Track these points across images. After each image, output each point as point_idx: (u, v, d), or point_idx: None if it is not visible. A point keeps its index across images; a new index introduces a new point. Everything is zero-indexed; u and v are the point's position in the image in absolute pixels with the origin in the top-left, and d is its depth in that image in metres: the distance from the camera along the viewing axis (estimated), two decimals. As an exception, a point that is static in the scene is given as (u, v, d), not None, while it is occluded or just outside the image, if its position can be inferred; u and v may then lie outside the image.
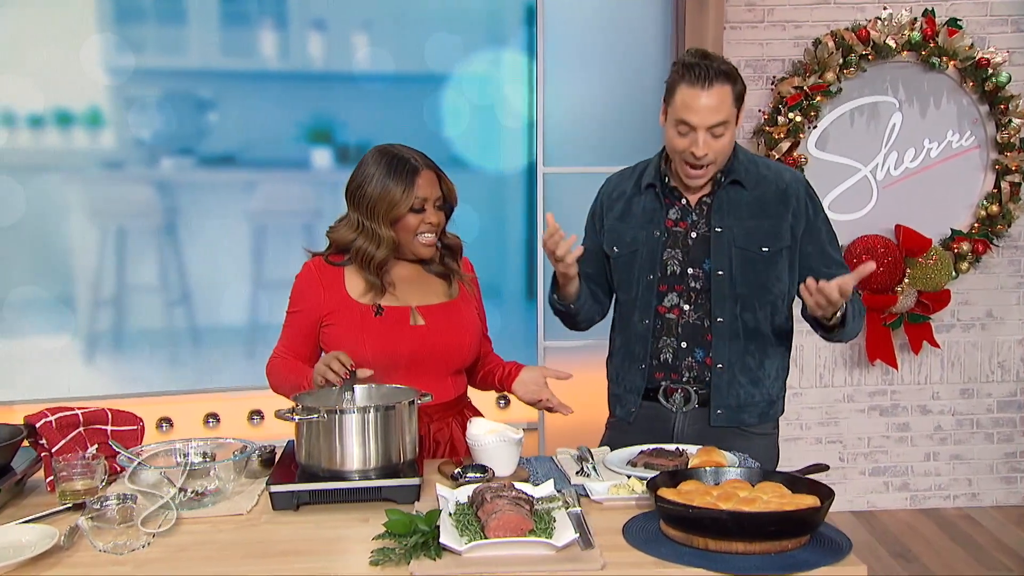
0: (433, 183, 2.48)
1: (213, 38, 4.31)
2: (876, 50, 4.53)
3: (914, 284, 4.62)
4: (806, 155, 4.57)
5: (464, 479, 2.14)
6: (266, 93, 4.35)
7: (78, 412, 2.20)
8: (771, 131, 4.51)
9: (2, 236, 4.12)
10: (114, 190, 4.24)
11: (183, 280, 4.37)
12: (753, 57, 4.63)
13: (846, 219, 4.67)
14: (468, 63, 4.48)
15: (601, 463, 2.28)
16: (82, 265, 4.22)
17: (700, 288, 2.52)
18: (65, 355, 4.26)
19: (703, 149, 2.39)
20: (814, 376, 4.82)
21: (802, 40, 4.63)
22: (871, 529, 4.66)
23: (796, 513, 1.80)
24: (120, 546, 1.77)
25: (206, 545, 1.84)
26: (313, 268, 2.55)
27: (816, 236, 2.55)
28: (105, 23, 4.14)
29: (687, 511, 1.80)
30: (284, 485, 2.03)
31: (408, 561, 1.74)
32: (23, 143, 4.12)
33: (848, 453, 4.88)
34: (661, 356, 2.55)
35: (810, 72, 4.52)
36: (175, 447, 2.12)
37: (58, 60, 4.07)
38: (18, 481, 2.11)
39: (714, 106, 2.36)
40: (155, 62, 4.24)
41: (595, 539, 1.85)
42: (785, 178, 2.56)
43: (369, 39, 4.39)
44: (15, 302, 4.19)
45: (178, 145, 4.26)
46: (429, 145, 4.26)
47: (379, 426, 2.09)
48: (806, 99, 4.50)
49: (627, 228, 2.59)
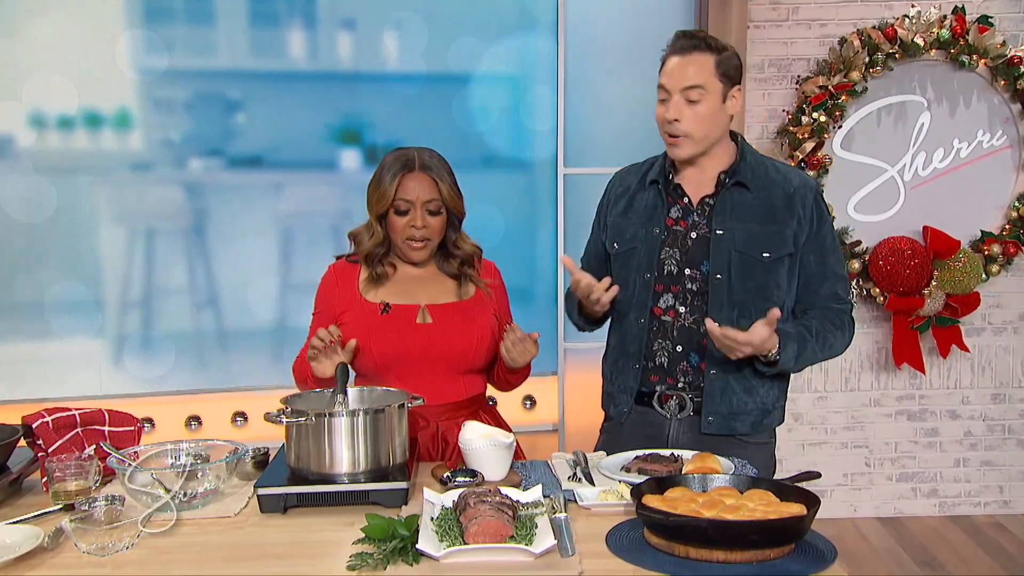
0: (426, 187, 2.46)
1: (242, 38, 4.31)
2: (903, 48, 4.45)
3: (942, 287, 4.54)
4: (831, 155, 4.50)
5: (453, 483, 2.13)
6: (295, 94, 4.35)
7: (75, 413, 2.22)
8: (795, 131, 4.45)
9: (33, 236, 4.17)
10: (143, 191, 4.27)
11: (211, 281, 4.39)
12: (777, 56, 4.57)
13: (872, 220, 4.60)
14: (497, 62, 4.46)
15: (595, 468, 2.26)
16: (111, 266, 4.26)
17: (697, 290, 2.47)
18: (94, 354, 4.30)
19: (674, 113, 2.39)
20: (839, 379, 4.75)
21: (828, 39, 4.56)
22: (897, 536, 4.58)
23: (777, 522, 1.76)
24: (103, 548, 1.78)
25: (188, 547, 1.84)
26: (333, 270, 2.61)
27: (819, 246, 2.49)
28: (134, 24, 4.17)
29: (667, 519, 1.77)
30: (271, 488, 2.03)
31: (385, 566, 1.73)
32: (53, 144, 4.16)
33: (874, 458, 4.80)
34: (656, 359, 2.52)
35: (835, 71, 4.45)
36: (167, 448, 2.13)
37: (87, 61, 4.10)
38: (14, 481, 2.14)
39: (692, 70, 2.37)
40: (184, 63, 4.25)
41: (577, 546, 1.83)
42: (794, 183, 2.49)
43: (398, 39, 4.38)
44: (45, 302, 4.24)
45: (206, 146, 4.28)
46: (458, 145, 4.41)
47: (368, 429, 2.08)
48: (831, 99, 4.43)
49: (628, 224, 2.56)
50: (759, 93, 4.57)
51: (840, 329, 2.49)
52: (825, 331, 2.46)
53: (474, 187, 4.33)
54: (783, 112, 4.54)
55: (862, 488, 4.80)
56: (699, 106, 2.38)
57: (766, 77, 4.57)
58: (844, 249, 4.53)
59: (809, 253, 2.48)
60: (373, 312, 2.48)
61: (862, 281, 4.59)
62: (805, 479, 2.14)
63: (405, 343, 2.45)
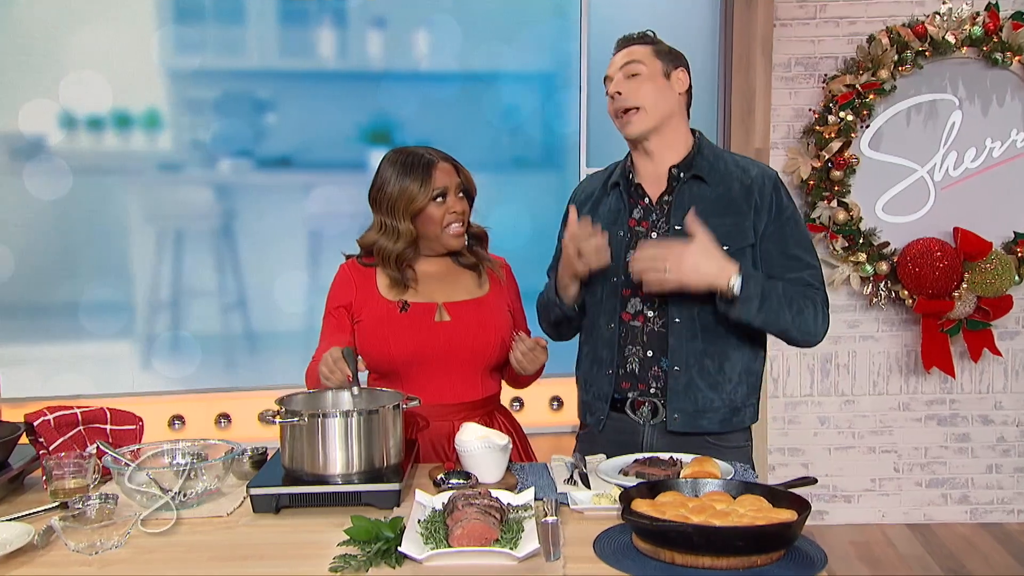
0: (450, 172, 2.50)
1: (272, 38, 4.32)
2: (934, 46, 4.38)
3: (973, 289, 4.44)
4: (858, 155, 4.43)
5: (446, 485, 2.12)
6: (324, 93, 4.36)
7: (77, 411, 2.24)
8: (821, 130, 4.38)
9: (63, 237, 4.23)
10: (172, 192, 4.31)
11: (239, 281, 4.42)
12: (804, 55, 4.51)
13: (900, 221, 4.52)
14: (526, 62, 4.46)
15: (593, 471, 2.24)
16: (141, 267, 4.30)
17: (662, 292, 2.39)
18: (125, 353, 4.35)
19: (615, 87, 2.44)
20: (867, 383, 4.67)
21: (856, 37, 4.49)
22: (925, 543, 4.50)
23: (764, 528, 1.73)
24: (91, 546, 1.79)
25: (176, 546, 1.84)
26: (347, 268, 2.60)
27: (780, 236, 2.41)
28: (164, 24, 4.20)
29: (652, 524, 1.75)
30: (263, 488, 2.04)
31: (367, 569, 1.72)
32: (83, 145, 4.21)
33: (903, 463, 4.71)
34: (628, 365, 2.47)
35: (863, 70, 4.38)
36: (163, 448, 2.14)
37: (117, 62, 4.15)
38: (15, 478, 2.16)
39: (626, 54, 2.46)
40: (214, 63, 4.28)
41: (564, 550, 1.81)
42: (751, 173, 2.44)
43: (429, 38, 4.39)
44: (77, 301, 4.30)
45: (236, 147, 4.30)
46: (487, 145, 4.40)
47: (362, 430, 2.08)
48: (858, 97, 4.36)
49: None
50: (785, 92, 4.51)
51: (812, 304, 2.39)
52: (793, 295, 2.35)
53: (503, 187, 4.42)
54: (809, 111, 4.47)
55: (890, 494, 4.72)
56: (640, 78, 2.42)
57: (792, 76, 4.51)
58: (872, 250, 4.46)
59: (769, 243, 2.41)
60: (392, 310, 2.47)
61: (890, 283, 4.51)
62: (801, 484, 2.10)
63: (423, 342, 2.45)
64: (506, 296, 2.62)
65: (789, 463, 4.67)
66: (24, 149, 4.16)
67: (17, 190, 4.18)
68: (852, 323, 4.62)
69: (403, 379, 2.45)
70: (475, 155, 4.38)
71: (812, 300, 2.40)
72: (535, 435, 2.82)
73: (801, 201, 4.52)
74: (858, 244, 4.46)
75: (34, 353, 4.30)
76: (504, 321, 2.55)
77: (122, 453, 2.08)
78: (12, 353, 4.28)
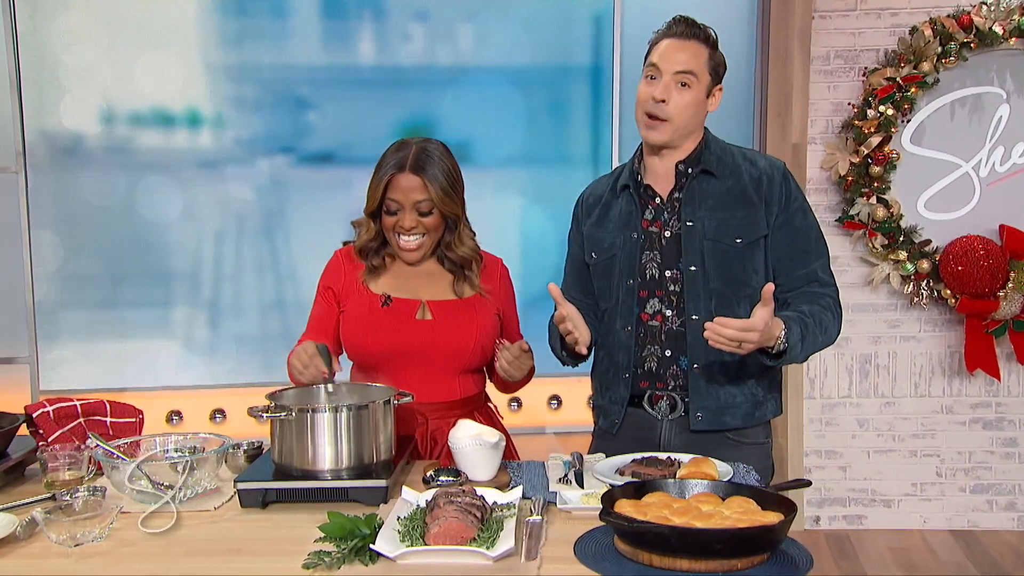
0: (415, 188, 2.40)
1: (313, 35, 4.34)
2: (980, 38, 4.23)
3: (1020, 289, 4.29)
4: (899, 150, 4.31)
5: (435, 482, 2.10)
6: (365, 90, 4.38)
7: (76, 404, 2.26)
8: (860, 125, 4.27)
9: (108, 234, 4.30)
10: (213, 189, 4.36)
11: (279, 276, 4.44)
12: (844, 47, 4.39)
13: (943, 219, 4.39)
14: (562, 57, 4.43)
15: (590, 470, 2.20)
16: (182, 264, 4.36)
17: (679, 290, 2.38)
18: (167, 347, 4.40)
19: (663, 92, 2.32)
20: (908, 385, 4.54)
21: (898, 28, 4.36)
22: (968, 550, 4.36)
23: (743, 531, 1.67)
24: (73, 538, 1.80)
25: (155, 540, 1.84)
26: (340, 255, 2.59)
27: (789, 226, 2.37)
28: (206, 22, 4.26)
29: (628, 525, 1.71)
30: (250, 482, 2.04)
31: (339, 566, 1.71)
32: (127, 142, 4.28)
33: (946, 468, 4.57)
34: (646, 365, 2.43)
35: (904, 62, 4.25)
36: (155, 441, 2.15)
37: (160, 60, 4.21)
38: (14, 468, 2.18)
39: (687, 56, 2.32)
40: (255, 60, 4.31)
41: (544, 549, 1.78)
42: (759, 165, 2.40)
43: (469, 34, 4.39)
44: (120, 296, 4.37)
45: (277, 144, 4.33)
46: (523, 142, 4.36)
47: (351, 426, 2.07)
48: (899, 91, 4.24)
49: (605, 234, 2.49)
50: (824, 86, 4.40)
51: (831, 312, 2.36)
52: (817, 313, 2.31)
53: (539, 183, 4.37)
54: (848, 106, 4.36)
55: (932, 499, 4.58)
56: (687, 93, 2.33)
57: (831, 69, 4.40)
58: (913, 249, 4.34)
59: (780, 233, 2.38)
60: (374, 304, 2.46)
61: (932, 282, 4.38)
62: (795, 487, 2.04)
63: (403, 339, 2.43)
64: (496, 299, 2.57)
65: (826, 465, 4.56)
66: (67, 146, 4.24)
67: (60, 187, 4.26)
68: (892, 323, 4.50)
69: (382, 374, 2.43)
70: (511, 151, 4.44)
71: (830, 308, 2.37)
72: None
73: (839, 197, 4.41)
74: (898, 242, 4.34)
75: (79, 348, 4.37)
76: (488, 324, 2.51)
77: (115, 446, 2.09)
78: (58, 348, 4.36)
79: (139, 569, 1.73)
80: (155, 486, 1.99)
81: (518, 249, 4.37)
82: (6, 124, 4.19)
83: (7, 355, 4.29)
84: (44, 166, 4.25)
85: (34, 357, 4.28)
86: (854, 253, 4.45)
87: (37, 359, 4.29)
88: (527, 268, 4.11)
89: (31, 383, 4.28)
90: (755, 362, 2.36)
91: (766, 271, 2.39)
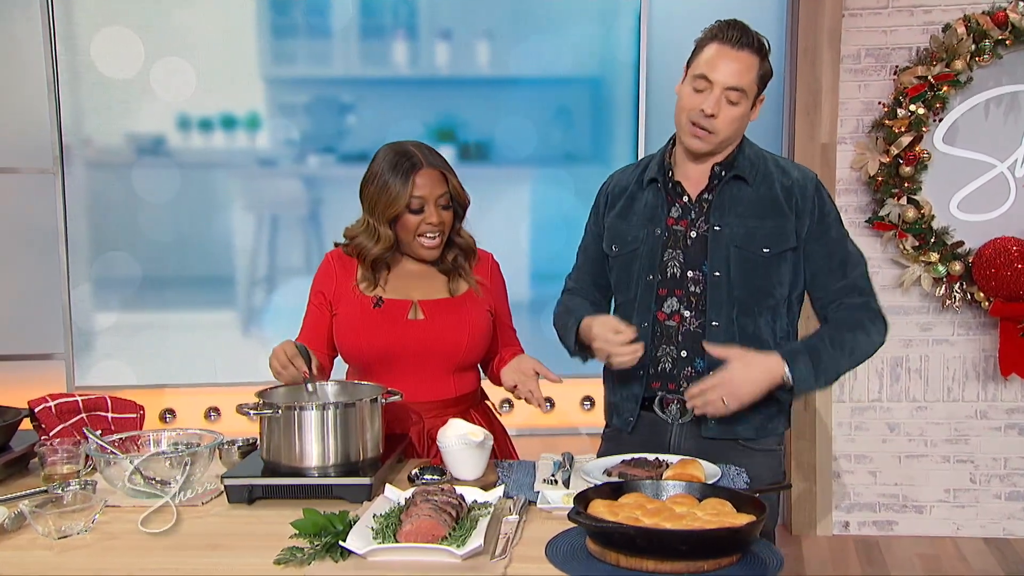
0: (436, 181, 2.42)
1: (353, 49, 4.61)
2: (1016, 35, 4.14)
3: (1056, 292, 4.19)
4: (930, 150, 4.23)
5: (420, 481, 2.12)
6: (398, 97, 4.61)
7: (78, 399, 2.32)
8: (890, 124, 4.20)
9: (173, 226, 4.47)
10: (268, 184, 4.62)
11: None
12: (875, 46, 4.32)
13: (976, 220, 4.30)
14: (581, 64, 4.52)
15: (578, 471, 2.20)
16: (240, 250, 4.58)
17: (700, 292, 2.36)
18: (226, 334, 4.59)
19: (713, 107, 2.27)
20: (941, 389, 4.45)
21: (931, 26, 4.27)
22: (1002, 559, 4.26)
23: (709, 532, 1.67)
24: (58, 530, 1.85)
25: (137, 534, 1.87)
26: (331, 258, 2.59)
27: (824, 238, 2.36)
28: (263, 38, 4.53)
29: (593, 524, 1.71)
30: (237, 478, 2.07)
31: (311, 562, 1.73)
32: (196, 144, 4.54)
33: (981, 474, 4.48)
34: (660, 364, 2.41)
35: (936, 60, 4.18)
36: (148, 436, 2.19)
37: (225, 71, 4.46)
38: (16, 461, 2.24)
39: (740, 69, 2.26)
40: (304, 71, 4.63)
41: (517, 549, 1.79)
42: (792, 175, 2.38)
43: (490, 45, 4.56)
44: (182, 286, 4.56)
45: (322, 144, 4.60)
46: (543, 142, 4.45)
47: (338, 424, 2.10)
48: (930, 90, 4.16)
49: (628, 226, 2.47)
50: (854, 85, 4.33)
51: (858, 328, 2.33)
52: (839, 335, 2.31)
53: (562, 186, 4.41)
54: (879, 105, 4.29)
55: (966, 506, 4.49)
56: (736, 108, 2.29)
57: (862, 68, 4.33)
58: (945, 250, 4.25)
59: (814, 246, 2.36)
60: (366, 306, 2.47)
61: (965, 284, 4.29)
62: (775, 490, 2.02)
63: (395, 339, 2.44)
64: (488, 296, 2.58)
65: (855, 470, 4.49)
66: (145, 147, 4.48)
67: (136, 186, 4.45)
68: (924, 326, 4.41)
69: (376, 374, 2.45)
70: (534, 154, 4.53)
71: (858, 322, 2.35)
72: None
73: (869, 198, 4.34)
74: (929, 243, 4.26)
75: (114, 345, 4.49)
76: (481, 322, 2.52)
77: (110, 441, 2.14)
78: (94, 345, 4.49)
79: (115, 563, 1.76)
80: (148, 482, 2.03)
81: (547, 251, 4.46)
82: (43, 126, 4.31)
83: (44, 351, 4.40)
84: (81, 167, 4.38)
85: (69, 354, 4.39)
86: (884, 255, 4.38)
87: (72, 356, 4.40)
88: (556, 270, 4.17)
89: (66, 379, 4.38)
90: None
91: (791, 282, 2.38)
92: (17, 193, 4.38)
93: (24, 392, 2.76)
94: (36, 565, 1.76)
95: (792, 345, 2.32)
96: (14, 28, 4.29)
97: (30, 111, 4.31)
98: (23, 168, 4.35)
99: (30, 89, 4.31)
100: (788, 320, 2.40)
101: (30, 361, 4.40)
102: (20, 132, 4.34)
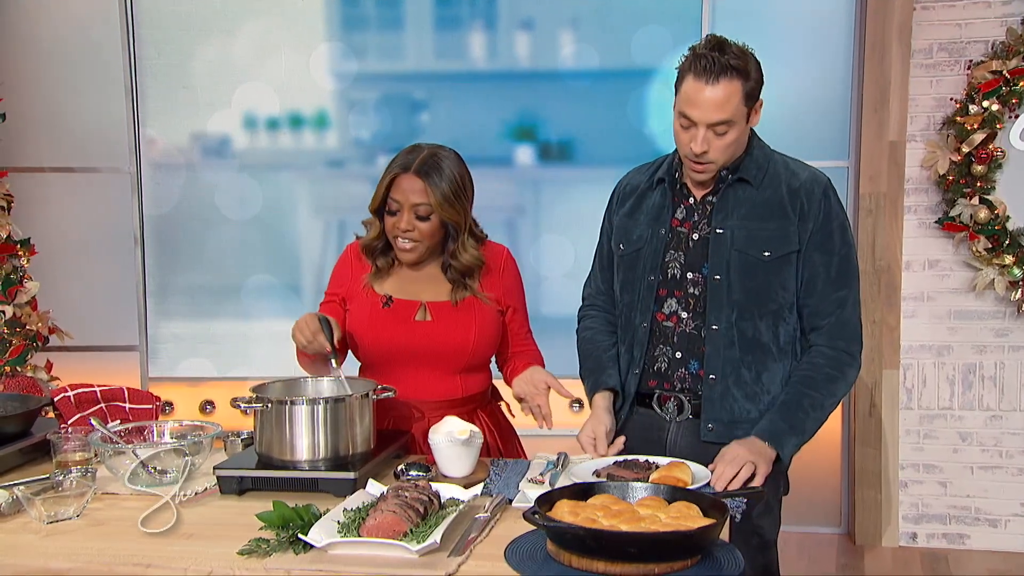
0: (416, 190, 2.40)
1: (427, 42, 4.51)
2: (1098, 27, 3.93)
3: None
4: (1004, 148, 4.04)
5: (404, 477, 2.15)
6: (474, 93, 4.50)
7: (96, 389, 2.42)
8: (962, 121, 4.03)
9: (242, 229, 4.57)
10: (336, 186, 4.58)
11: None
12: (949, 39, 4.15)
13: (1053, 222, 4.09)
14: (668, 58, 4.39)
15: (568, 471, 2.19)
16: (308, 255, 4.59)
17: (699, 295, 2.33)
18: (276, 336, 4.56)
19: (701, 146, 2.23)
20: (1016, 398, 4.24)
21: (1010, 18, 4.08)
22: (1080, 578, 4.05)
23: (659, 535, 1.65)
24: (50, 515, 1.94)
25: (124, 520, 1.95)
26: (350, 251, 2.64)
27: (826, 246, 2.30)
28: (332, 32, 4.47)
29: (544, 525, 1.71)
30: (228, 469, 2.14)
31: (272, 553, 1.77)
32: (262, 144, 4.55)
33: (1061, 489, 4.26)
34: (656, 364, 2.39)
35: (1013, 54, 3.98)
36: (151, 427, 2.28)
37: (291, 68, 4.45)
38: (34, 447, 2.34)
39: (718, 103, 2.20)
40: (375, 67, 4.52)
41: (480, 547, 1.80)
42: (801, 177, 2.32)
43: (574, 37, 4.42)
44: (251, 288, 4.63)
45: (394, 144, 4.41)
46: (630, 141, 4.38)
47: (328, 418, 2.14)
48: (1005, 85, 3.98)
49: (635, 225, 2.45)
50: (926, 81, 4.17)
51: (836, 379, 2.32)
52: (818, 393, 2.30)
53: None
54: (951, 101, 4.12)
55: (1045, 520, 4.28)
56: (726, 136, 2.24)
57: (934, 63, 4.16)
58: (1020, 252, 4.05)
59: (814, 251, 2.30)
60: (376, 304, 2.51)
61: (1039, 289, 4.09)
62: (748, 495, 1.99)
63: (403, 339, 2.47)
64: (500, 296, 2.57)
65: (924, 480, 4.32)
66: (212, 148, 4.55)
67: (204, 184, 4.56)
68: (999, 331, 4.22)
69: (385, 372, 2.48)
70: (613, 151, 4.39)
71: (837, 374, 2.31)
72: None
73: (939, 198, 4.17)
74: (1003, 245, 4.06)
75: (187, 337, 4.65)
76: (489, 324, 2.53)
77: (115, 431, 2.23)
78: (167, 337, 4.65)
79: (91, 548, 1.83)
80: (148, 472, 2.12)
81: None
82: (120, 126, 4.49)
83: (120, 343, 4.60)
84: (150, 167, 4.53)
85: (144, 346, 4.58)
86: (956, 257, 4.20)
87: (147, 348, 4.58)
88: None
89: (141, 370, 4.57)
90: (774, 379, 2.34)
91: (796, 288, 2.33)
92: (98, 192, 4.58)
93: (103, 381, 2.82)
94: (18, 548, 1.85)
95: (774, 424, 2.26)
96: (92, 32, 4.48)
97: (108, 113, 4.50)
98: (102, 168, 4.56)
99: (110, 91, 4.49)
100: (793, 326, 2.34)
101: (108, 352, 4.60)
102: (98, 133, 4.54)
